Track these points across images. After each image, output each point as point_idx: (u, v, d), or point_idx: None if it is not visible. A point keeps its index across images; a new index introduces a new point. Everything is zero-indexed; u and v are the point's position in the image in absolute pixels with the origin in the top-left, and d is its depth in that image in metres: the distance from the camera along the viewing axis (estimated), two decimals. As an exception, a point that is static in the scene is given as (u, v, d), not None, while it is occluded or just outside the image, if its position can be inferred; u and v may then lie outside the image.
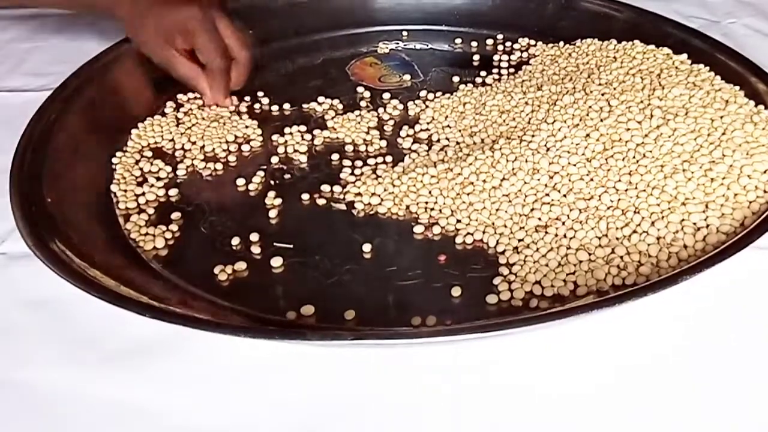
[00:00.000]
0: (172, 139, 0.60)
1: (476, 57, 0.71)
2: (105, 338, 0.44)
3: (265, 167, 0.58)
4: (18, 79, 0.65)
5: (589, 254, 0.47)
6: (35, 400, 0.41)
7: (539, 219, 0.50)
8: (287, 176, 0.57)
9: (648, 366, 0.42)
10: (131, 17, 0.61)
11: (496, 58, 0.70)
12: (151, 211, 0.53)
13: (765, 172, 0.49)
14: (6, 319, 0.45)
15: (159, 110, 0.63)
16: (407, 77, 0.69)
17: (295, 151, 0.59)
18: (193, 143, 0.60)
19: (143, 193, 0.54)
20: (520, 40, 0.72)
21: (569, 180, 0.51)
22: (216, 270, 0.48)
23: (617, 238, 0.48)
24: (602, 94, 0.57)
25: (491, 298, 0.46)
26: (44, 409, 0.40)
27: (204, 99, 0.64)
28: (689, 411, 0.40)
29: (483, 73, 0.68)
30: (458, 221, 0.51)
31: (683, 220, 0.48)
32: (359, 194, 0.54)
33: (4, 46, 0.71)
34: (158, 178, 0.56)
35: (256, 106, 0.65)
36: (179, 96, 0.65)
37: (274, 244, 0.50)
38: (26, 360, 0.43)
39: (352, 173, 0.57)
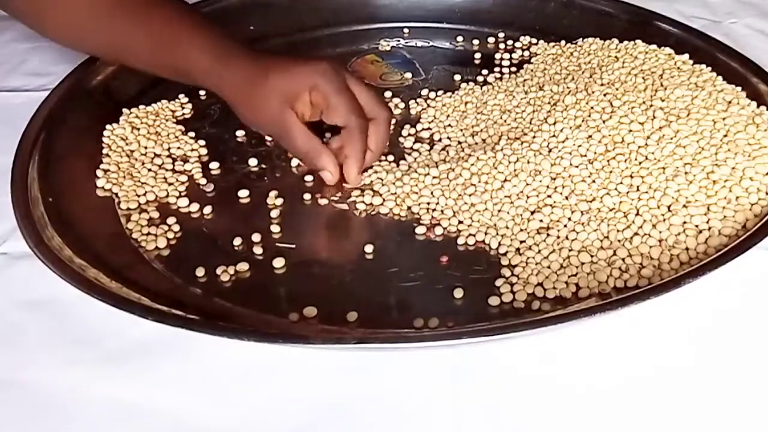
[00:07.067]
0: (173, 138, 0.60)
1: (477, 55, 0.70)
2: (106, 338, 0.44)
3: (266, 166, 0.57)
4: (18, 79, 0.65)
5: (591, 256, 0.47)
6: (36, 400, 0.41)
7: (541, 221, 0.50)
8: (289, 175, 0.57)
9: (649, 368, 0.42)
10: (241, 82, 0.52)
11: (497, 56, 0.70)
12: (152, 210, 0.53)
13: (767, 174, 0.49)
14: (6, 320, 0.45)
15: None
16: (408, 75, 0.68)
17: (297, 149, 0.59)
18: (194, 141, 0.59)
19: (145, 193, 0.54)
20: (521, 38, 0.72)
21: (571, 182, 0.51)
22: (218, 270, 0.48)
23: (619, 240, 0.48)
24: (604, 95, 0.56)
25: (493, 300, 0.46)
26: (44, 409, 0.40)
27: (324, 178, 0.54)
28: (691, 414, 0.40)
29: (484, 72, 0.68)
30: (460, 222, 0.51)
31: (685, 222, 0.48)
32: (361, 194, 0.54)
33: (4, 46, 0.70)
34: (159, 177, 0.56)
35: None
36: (180, 96, 0.64)
37: (276, 244, 0.50)
38: (26, 360, 0.43)
39: (354, 172, 0.57)
